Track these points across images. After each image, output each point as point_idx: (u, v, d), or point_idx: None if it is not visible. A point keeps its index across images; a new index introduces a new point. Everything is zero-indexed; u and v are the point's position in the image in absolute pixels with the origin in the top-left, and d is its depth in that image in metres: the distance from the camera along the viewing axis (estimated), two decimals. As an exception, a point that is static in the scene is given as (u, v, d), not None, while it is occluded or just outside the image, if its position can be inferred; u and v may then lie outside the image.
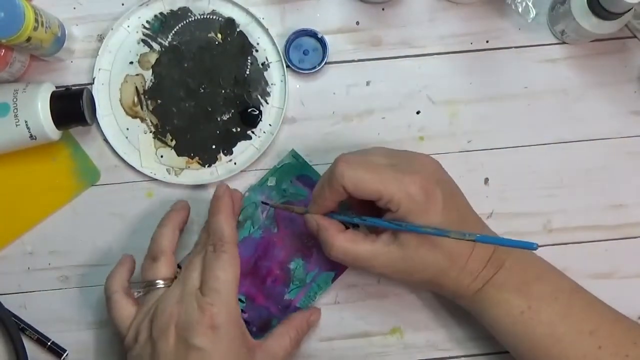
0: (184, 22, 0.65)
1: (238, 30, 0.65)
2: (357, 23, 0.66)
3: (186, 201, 0.63)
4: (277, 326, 0.61)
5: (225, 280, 0.55)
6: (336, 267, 0.64)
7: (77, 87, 0.64)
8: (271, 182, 0.64)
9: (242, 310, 0.63)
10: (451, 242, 0.54)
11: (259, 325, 0.64)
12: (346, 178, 0.54)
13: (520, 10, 0.66)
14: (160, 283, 0.57)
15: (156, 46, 0.65)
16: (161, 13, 0.65)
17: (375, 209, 0.56)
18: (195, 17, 0.65)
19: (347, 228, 0.58)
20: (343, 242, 0.56)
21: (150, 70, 0.65)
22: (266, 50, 0.65)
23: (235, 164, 0.65)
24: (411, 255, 0.55)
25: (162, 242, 0.59)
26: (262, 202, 0.64)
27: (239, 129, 0.65)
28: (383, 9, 0.66)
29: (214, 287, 0.55)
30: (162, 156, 0.65)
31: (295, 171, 0.64)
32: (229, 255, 0.56)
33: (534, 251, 0.54)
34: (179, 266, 0.61)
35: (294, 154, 0.65)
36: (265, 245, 0.64)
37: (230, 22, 0.65)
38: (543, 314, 0.56)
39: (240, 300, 0.63)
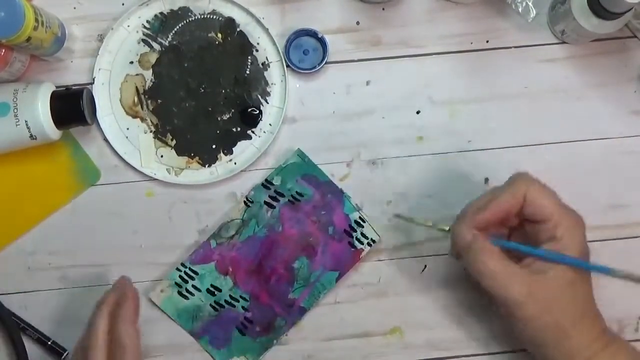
0: (184, 21, 0.65)
1: (238, 30, 0.65)
2: (358, 23, 0.66)
3: (129, 288, 0.60)
4: None
5: None
6: (340, 267, 0.64)
7: (77, 87, 0.64)
8: (276, 181, 0.64)
9: (246, 309, 0.63)
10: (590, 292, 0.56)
11: (263, 325, 0.64)
12: (531, 190, 0.55)
13: (520, 10, 0.66)
14: None
15: (156, 46, 0.65)
16: (161, 13, 0.65)
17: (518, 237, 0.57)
18: (196, 17, 0.65)
19: None
20: (499, 260, 0.54)
21: (151, 70, 0.65)
22: (266, 50, 0.65)
23: (235, 163, 0.65)
24: (554, 291, 0.54)
25: (127, 341, 0.56)
26: (395, 215, 0.64)
27: (239, 129, 0.65)
28: (383, 9, 0.66)
29: None
30: (162, 156, 0.65)
31: (301, 170, 0.64)
32: None
33: None
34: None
35: (300, 154, 0.65)
36: (269, 244, 0.64)
37: (231, 22, 0.65)
38: None
39: (244, 298, 0.64)
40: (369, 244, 0.64)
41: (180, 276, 0.64)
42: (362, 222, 0.64)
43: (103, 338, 0.57)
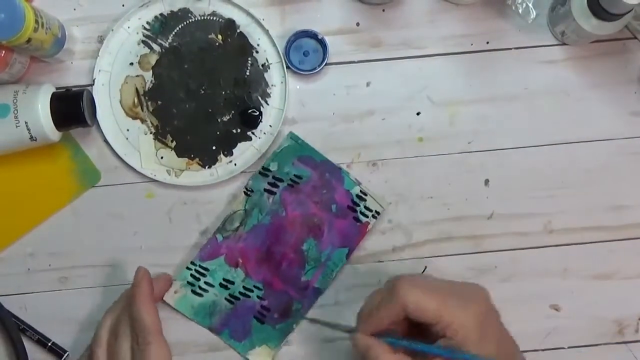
0: (184, 23, 0.65)
1: (238, 31, 0.65)
2: (358, 24, 0.66)
3: (139, 273, 0.60)
4: None
5: None
6: (349, 243, 0.64)
7: (78, 88, 0.64)
8: (273, 166, 0.64)
9: (261, 298, 0.64)
10: None
11: (280, 311, 0.64)
12: (410, 297, 0.52)
13: (520, 11, 0.66)
14: None
15: (156, 47, 0.65)
16: (161, 14, 0.65)
17: (420, 335, 0.55)
18: (196, 18, 0.65)
19: None
20: None
21: (151, 71, 0.65)
22: (266, 51, 0.65)
23: (235, 165, 0.65)
24: None
25: (147, 319, 0.57)
26: (305, 318, 0.63)
27: (239, 130, 0.65)
28: (383, 10, 0.66)
29: None
30: (162, 157, 0.65)
31: (296, 152, 0.64)
32: (155, 346, 0.57)
33: None
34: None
35: (292, 136, 0.65)
36: (275, 230, 0.64)
37: (231, 23, 0.65)
38: None
39: (258, 287, 0.64)
40: (373, 216, 0.64)
41: (191, 275, 0.64)
42: (364, 196, 0.64)
43: (106, 335, 0.59)
